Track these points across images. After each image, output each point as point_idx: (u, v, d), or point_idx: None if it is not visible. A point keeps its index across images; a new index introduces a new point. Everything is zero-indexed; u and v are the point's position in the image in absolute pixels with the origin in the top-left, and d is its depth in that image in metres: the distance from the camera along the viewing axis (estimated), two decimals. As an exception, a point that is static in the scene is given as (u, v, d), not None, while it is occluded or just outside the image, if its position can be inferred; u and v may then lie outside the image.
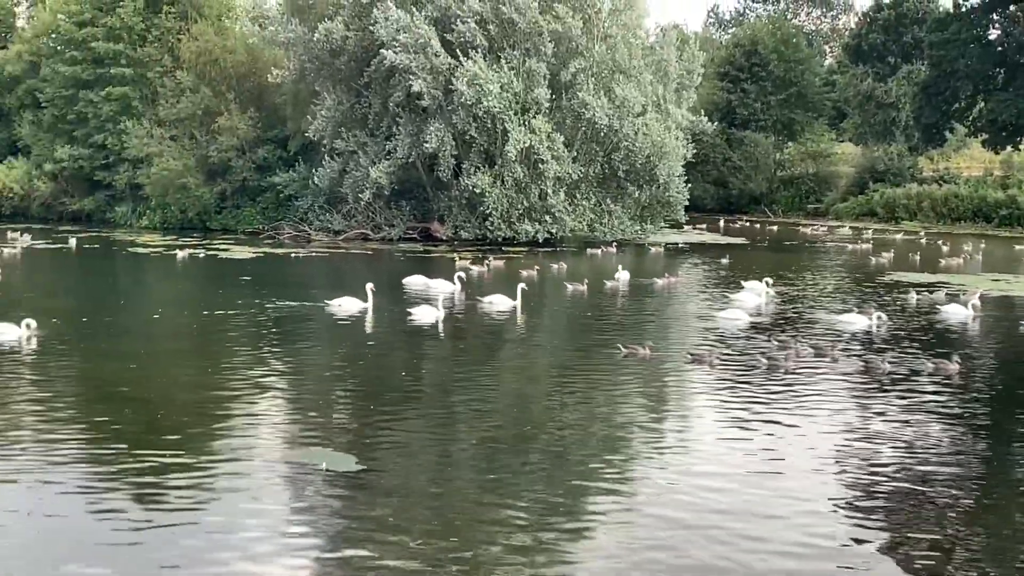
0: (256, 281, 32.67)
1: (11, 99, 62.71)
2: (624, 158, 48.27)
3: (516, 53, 46.36)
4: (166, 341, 21.89)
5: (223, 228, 54.65)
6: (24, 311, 21.48)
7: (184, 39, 56.05)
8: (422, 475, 12.18)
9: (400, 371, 18.70)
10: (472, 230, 47.43)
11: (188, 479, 11.62)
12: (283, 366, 18.87)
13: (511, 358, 20.78)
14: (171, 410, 15.32)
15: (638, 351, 19.23)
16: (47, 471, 11.74)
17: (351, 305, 25.55)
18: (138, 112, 56.58)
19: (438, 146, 45.47)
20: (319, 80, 49.96)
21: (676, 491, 11.37)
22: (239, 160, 53.88)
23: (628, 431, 14.17)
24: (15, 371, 17.86)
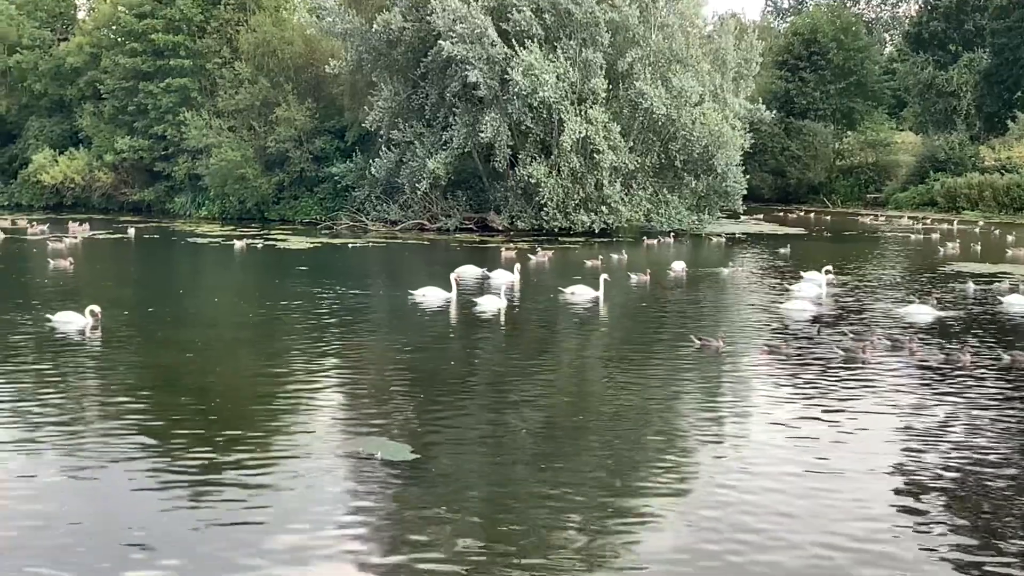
0: (313, 271, 32.87)
1: (72, 90, 63.39)
2: (681, 148, 47.97)
3: (572, 43, 46.17)
4: (224, 330, 22.06)
5: (281, 218, 55.10)
6: (87, 300, 21.72)
7: (242, 30, 56.52)
8: (476, 464, 12.17)
9: (459, 360, 18.71)
10: (528, 220, 47.37)
11: (244, 467, 11.68)
12: (341, 355, 18.96)
13: (579, 347, 20.77)
14: (228, 399, 15.44)
15: (711, 343, 19.02)
16: (107, 459, 11.84)
17: (435, 295, 25.51)
18: (197, 103, 57.09)
19: (494, 136, 45.45)
20: (376, 71, 50.10)
21: (733, 485, 11.20)
22: (297, 151, 54.26)
23: (691, 423, 14.03)
24: (78, 359, 18.11)
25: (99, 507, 10.45)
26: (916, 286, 29.38)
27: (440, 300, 25.24)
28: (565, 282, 26.65)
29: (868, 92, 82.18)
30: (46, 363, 17.39)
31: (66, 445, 12.43)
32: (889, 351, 18.89)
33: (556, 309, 25.13)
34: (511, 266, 30.45)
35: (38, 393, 15.03)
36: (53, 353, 18.26)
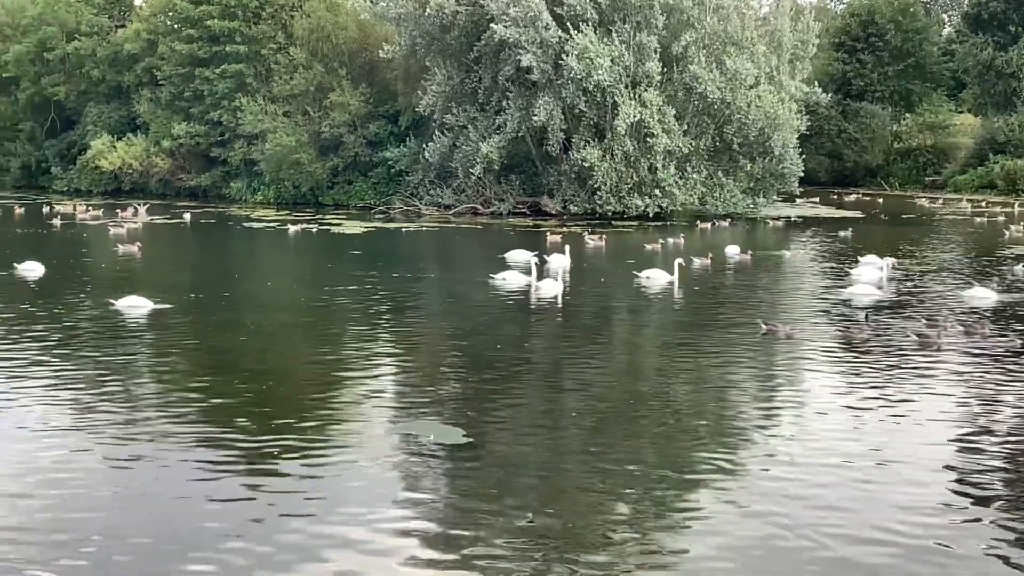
0: (367, 256, 33.03)
1: (130, 77, 63.91)
2: (737, 131, 47.61)
3: (627, 26, 45.96)
4: (278, 314, 22.22)
5: (335, 203, 55.33)
6: (147, 285, 21.98)
7: (297, 16, 56.78)
8: (529, 449, 12.16)
9: (514, 344, 18.69)
10: (581, 204, 47.23)
11: (297, 450, 11.77)
12: (394, 339, 19.08)
13: (639, 332, 20.78)
14: (282, 382, 15.57)
15: (779, 328, 18.82)
16: (163, 443, 11.98)
17: (516, 279, 25.49)
18: (252, 89, 57.40)
19: (547, 120, 45.36)
20: (430, 55, 50.13)
21: (790, 478, 11.04)
22: (351, 136, 54.48)
23: (752, 411, 13.93)
24: (140, 341, 18.34)
25: (154, 490, 10.55)
26: (982, 269, 28.96)
27: (521, 283, 25.20)
28: (621, 266, 26.57)
29: (926, 74, 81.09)
30: (107, 347, 17.61)
31: (122, 429, 12.57)
32: (962, 336, 18.51)
33: (618, 293, 25.07)
34: (557, 250, 30.42)
35: (98, 376, 15.25)
36: (115, 337, 18.50)
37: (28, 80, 66.82)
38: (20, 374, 15.19)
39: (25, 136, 68.93)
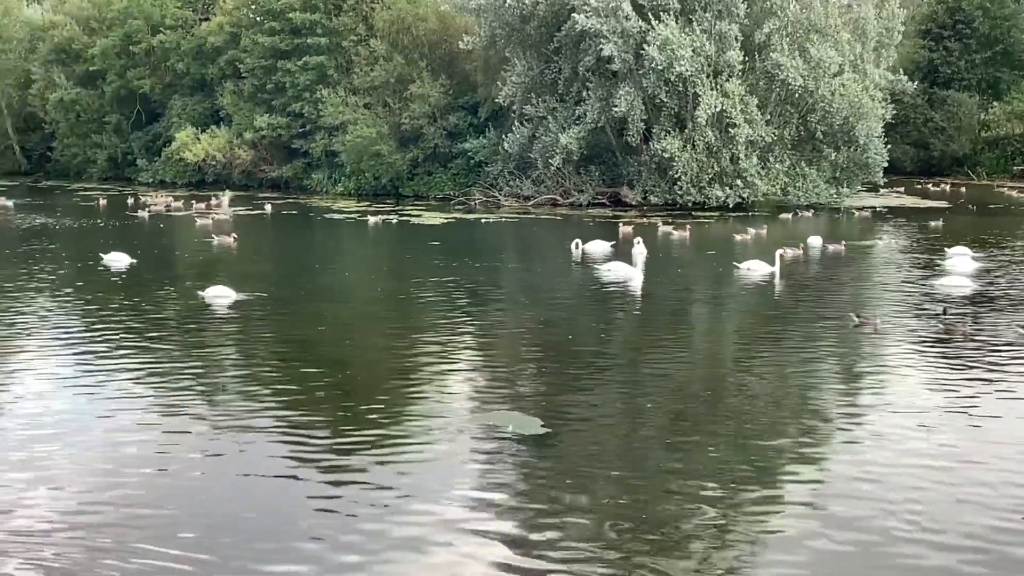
0: (446, 246, 33.17)
1: (213, 69, 64.64)
2: (820, 120, 47.02)
3: (708, 15, 45.52)
4: (358, 305, 22.37)
5: (415, 194, 55.53)
6: (232, 275, 22.23)
7: (378, 8, 56.96)
8: (607, 440, 12.11)
9: (595, 335, 18.63)
10: (661, 195, 46.95)
11: (377, 439, 11.85)
12: (473, 329, 19.10)
13: (725, 323, 20.57)
14: (362, 372, 15.68)
15: (870, 321, 18.48)
16: (242, 433, 12.13)
17: (622, 270, 25.21)
18: (333, 81, 57.74)
19: (628, 111, 45.10)
20: (509, 46, 50.09)
21: (872, 478, 10.74)
22: (431, 127, 54.64)
23: (838, 405, 13.69)
24: (224, 331, 18.60)
25: (233, 480, 10.70)
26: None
27: (626, 273, 24.98)
28: (704, 256, 26.33)
29: (1015, 61, 79.17)
30: (192, 337, 17.89)
31: (204, 418, 12.75)
32: None
33: (704, 283, 24.85)
34: (629, 241, 30.28)
35: (181, 366, 15.50)
36: (200, 327, 18.76)
37: (114, 73, 67.81)
38: (107, 364, 15.46)
39: (111, 129, 69.97)
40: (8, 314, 19.96)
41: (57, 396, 13.65)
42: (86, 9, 70.58)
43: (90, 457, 11.20)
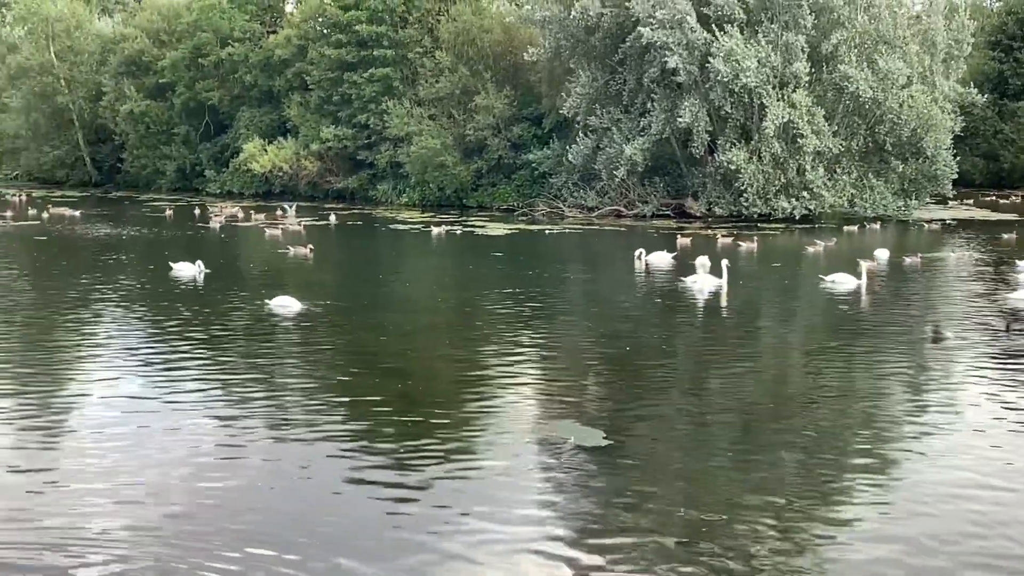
0: (509, 257, 33.27)
1: (280, 82, 65.34)
2: (889, 131, 46.66)
3: (774, 26, 45.34)
4: (421, 315, 22.39)
5: (479, 205, 55.77)
6: (297, 285, 22.46)
7: (443, 20, 57.37)
8: (670, 452, 12.04)
9: (660, 346, 18.55)
10: (726, 207, 46.75)
11: (438, 449, 11.86)
12: (536, 339, 19.05)
13: (794, 335, 20.34)
14: (424, 382, 15.69)
15: (945, 335, 18.23)
16: (304, 444, 12.20)
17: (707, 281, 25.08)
18: (399, 92, 58.17)
19: (692, 122, 45.00)
20: (574, 57, 50.20)
21: (940, 493, 10.57)
22: (495, 138, 54.89)
23: (906, 418, 13.49)
24: (289, 340, 18.79)
25: (301, 488, 10.76)
26: None
27: (712, 285, 24.85)
28: (771, 270, 26.15)
29: (1087, 72, 77.99)
30: (257, 346, 18.09)
31: (269, 427, 12.86)
32: None
33: (774, 295, 24.66)
34: (687, 252, 30.22)
35: (246, 375, 15.70)
36: (265, 336, 18.98)
37: (183, 85, 68.78)
38: (173, 373, 15.64)
39: (180, 140, 70.98)
40: (77, 324, 20.27)
41: (124, 406, 13.79)
42: (156, 22, 71.71)
43: (158, 468, 11.31)
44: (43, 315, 21.28)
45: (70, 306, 22.13)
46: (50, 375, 15.75)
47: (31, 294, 24.02)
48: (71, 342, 18.59)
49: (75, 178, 78.82)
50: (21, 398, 14.21)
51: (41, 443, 12.16)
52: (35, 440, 12.26)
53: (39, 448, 11.97)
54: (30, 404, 13.83)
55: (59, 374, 15.94)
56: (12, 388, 14.87)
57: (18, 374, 15.73)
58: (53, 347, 18.08)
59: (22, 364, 16.41)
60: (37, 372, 15.85)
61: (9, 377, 15.58)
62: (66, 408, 13.78)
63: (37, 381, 15.25)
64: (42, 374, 15.74)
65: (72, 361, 16.98)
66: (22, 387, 14.89)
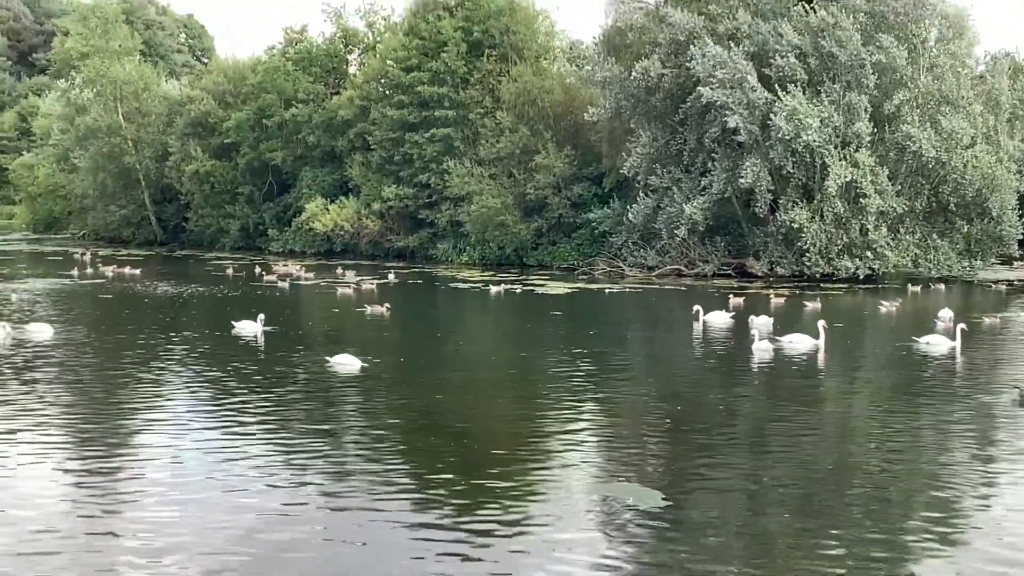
0: (568, 316, 33.18)
1: (343, 141, 66.15)
2: (952, 191, 46.29)
3: (836, 86, 45.28)
4: (479, 373, 22.32)
5: (539, 264, 55.89)
6: (359, 343, 22.51)
7: (504, 80, 57.88)
8: (729, 514, 11.83)
9: (720, 407, 18.26)
10: (788, 266, 46.43)
11: (496, 509, 11.77)
12: (594, 399, 18.92)
13: (859, 394, 20.00)
14: (483, 442, 15.54)
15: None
16: (368, 498, 12.17)
17: (803, 342, 24.99)
18: (459, 152, 58.65)
19: (754, 181, 44.91)
20: (634, 117, 50.39)
21: (1008, 559, 10.33)
22: (555, 197, 55.12)
23: (976, 483, 13.12)
24: (349, 399, 18.78)
25: (355, 550, 10.68)
26: None
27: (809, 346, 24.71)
28: (842, 330, 25.76)
29: None
30: (318, 403, 18.13)
31: (327, 483, 12.83)
32: None
33: (842, 356, 24.30)
34: (740, 312, 30.03)
35: (306, 431, 15.73)
36: (325, 394, 19.01)
37: (248, 146, 69.81)
38: (234, 429, 15.71)
39: (244, 199, 71.91)
40: (138, 382, 20.39)
41: (184, 463, 13.85)
42: (222, 84, 73.02)
43: (216, 523, 11.33)
44: (106, 372, 21.45)
45: (132, 363, 22.30)
46: (111, 432, 15.83)
47: (95, 351, 24.24)
48: (132, 399, 18.70)
49: (141, 237, 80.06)
50: (84, 452, 14.33)
51: (103, 498, 12.20)
52: (97, 495, 12.31)
53: (100, 503, 12.00)
54: (92, 460, 13.91)
55: (120, 430, 16.02)
56: (75, 443, 14.99)
57: (81, 431, 15.83)
58: (115, 404, 18.20)
59: (85, 421, 16.52)
60: (99, 429, 15.95)
61: (72, 433, 15.70)
62: (127, 465, 13.82)
63: (99, 438, 15.33)
64: (103, 431, 15.84)
65: (133, 418, 17.07)
66: (85, 443, 14.99)
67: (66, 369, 21.42)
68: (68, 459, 14.01)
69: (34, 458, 13.91)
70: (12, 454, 14.03)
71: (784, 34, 45.81)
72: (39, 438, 15.05)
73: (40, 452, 14.23)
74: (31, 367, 21.25)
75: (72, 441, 15.17)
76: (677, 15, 48.04)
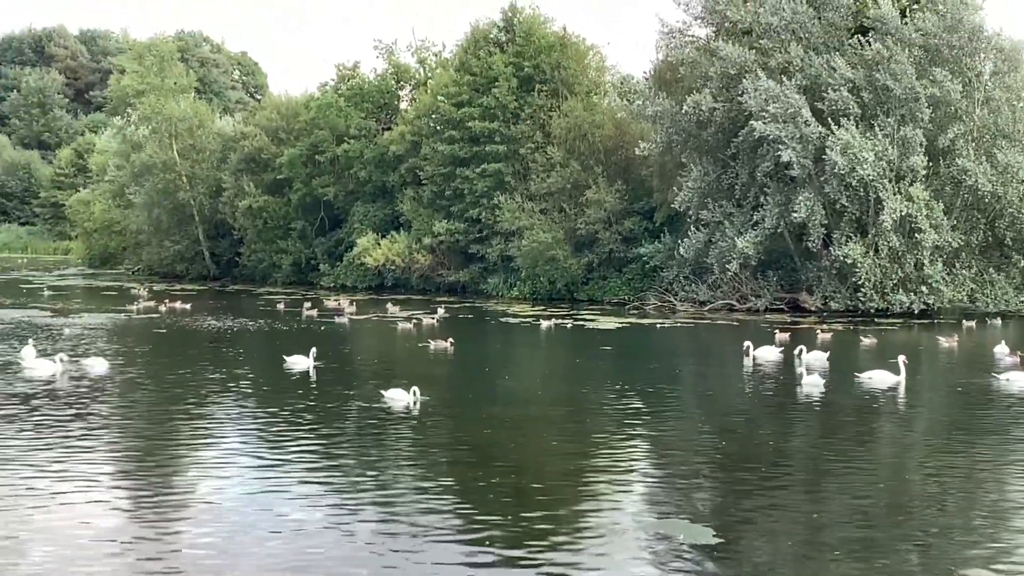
0: (617, 351, 33.05)
1: (394, 177, 66.49)
2: (1009, 225, 45.83)
3: (890, 120, 45.00)
4: (529, 408, 22.11)
5: (589, 298, 55.76)
6: (410, 378, 22.47)
7: (555, 116, 58.00)
8: (780, 552, 11.67)
9: (772, 443, 18.07)
10: (842, 301, 46.04)
11: (546, 545, 11.65)
12: (645, 435, 18.79)
13: (913, 433, 19.72)
14: (533, 477, 15.43)
15: None
16: (420, 535, 12.07)
17: (884, 378, 24.76)
18: (510, 187, 58.75)
19: (807, 216, 44.64)
20: (686, 152, 50.34)
21: None
22: (606, 232, 55.09)
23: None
24: (401, 433, 18.73)
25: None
26: None
27: (890, 383, 24.39)
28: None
29: None
30: (370, 437, 18.13)
31: (375, 521, 12.75)
32: None
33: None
34: (783, 347, 29.80)
35: (355, 465, 15.72)
36: (377, 428, 18.97)
37: (300, 181, 70.26)
38: (284, 464, 15.72)
39: (296, 235, 72.33)
40: (189, 416, 20.43)
41: (234, 494, 13.89)
42: (275, 120, 73.65)
43: (269, 558, 11.29)
44: (158, 405, 21.53)
45: (185, 397, 22.34)
46: (163, 466, 15.93)
47: (149, 385, 24.38)
48: (184, 432, 18.73)
49: (195, 272, 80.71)
50: (136, 484, 14.40)
51: (153, 528, 12.22)
52: (148, 525, 12.34)
53: (151, 533, 12.01)
54: (144, 494, 13.95)
55: (170, 466, 16.12)
56: (127, 474, 15.10)
57: (134, 465, 15.94)
58: (167, 436, 18.29)
59: (139, 455, 16.63)
60: (151, 460, 16.08)
61: (125, 467, 15.80)
62: (179, 504, 13.81)
63: (151, 472, 15.44)
64: (156, 462, 15.97)
65: (183, 453, 17.13)
66: (137, 474, 15.09)
67: (119, 402, 21.58)
68: (119, 490, 14.09)
69: (86, 487, 13.99)
70: (67, 487, 14.06)
71: (837, 67, 45.68)
72: (92, 469, 15.13)
73: (92, 482, 14.31)
74: (85, 400, 21.36)
75: (124, 472, 15.27)
76: (728, 49, 47.95)
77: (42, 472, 14.88)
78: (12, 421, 18.84)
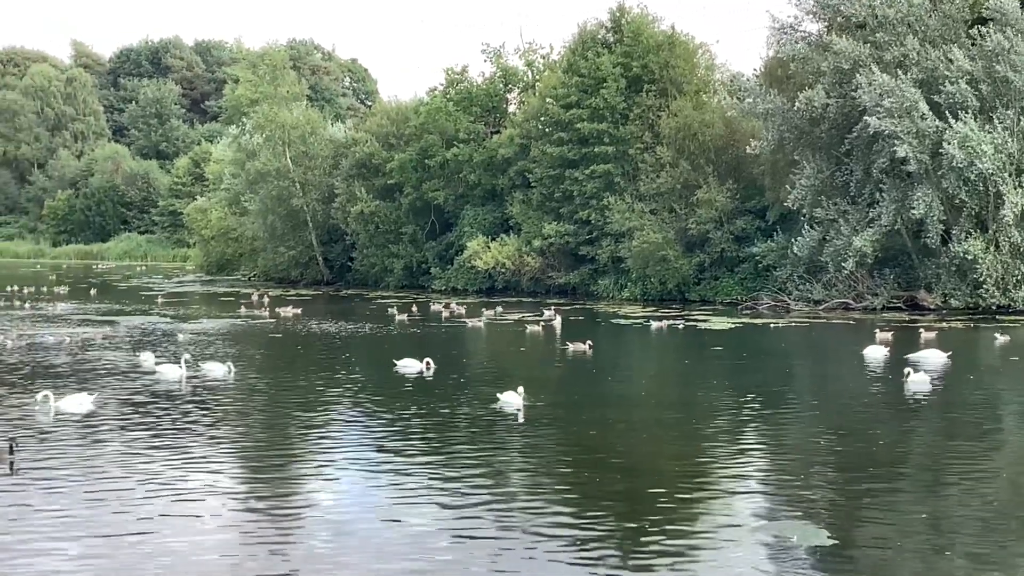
0: (729, 352, 32.76)
1: (503, 180, 66.66)
2: None
3: (1010, 112, 43.83)
4: (642, 410, 22.00)
5: (701, 299, 55.30)
6: (518, 381, 22.44)
7: (664, 115, 57.59)
8: (900, 555, 11.39)
9: (889, 444, 17.69)
10: (962, 298, 44.97)
11: (661, 548, 11.59)
12: (760, 437, 18.58)
13: None
14: (647, 479, 15.35)
15: None
16: (533, 538, 12.05)
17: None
18: (619, 188, 58.49)
19: (925, 212, 43.68)
20: (798, 149, 49.62)
21: None
22: (717, 231, 54.57)
23: None
24: (510, 435, 18.76)
25: None
26: None
27: None
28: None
29: None
30: (482, 440, 18.18)
31: (489, 522, 12.79)
32: None
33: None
34: (887, 347, 29.33)
35: (469, 468, 15.74)
36: (488, 431, 19.01)
37: (410, 186, 70.77)
38: (397, 467, 15.84)
39: (407, 239, 72.86)
40: (302, 420, 20.64)
41: (348, 496, 14.10)
42: (385, 126, 74.32)
43: (381, 560, 11.37)
44: (276, 408, 21.86)
45: (301, 399, 22.68)
46: (276, 470, 16.18)
47: (267, 388, 24.75)
48: (296, 437, 19.02)
49: (308, 277, 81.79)
50: (251, 487, 14.70)
51: (269, 529, 12.41)
52: (264, 525, 12.54)
53: (266, 537, 12.18)
54: (259, 496, 14.21)
55: (282, 470, 16.36)
56: (243, 480, 15.41)
57: (248, 468, 16.27)
58: (279, 441, 18.60)
59: (253, 459, 16.96)
60: (265, 467, 16.36)
61: (240, 471, 16.11)
62: (294, 510, 13.98)
63: (264, 476, 15.73)
64: (268, 468, 16.23)
65: (297, 457, 17.37)
66: (252, 482, 15.41)
67: (237, 406, 21.97)
68: (236, 492, 14.37)
69: (204, 489, 14.28)
70: (186, 487, 14.37)
71: (955, 60, 44.63)
72: (211, 471, 15.42)
73: (210, 485, 14.56)
74: (204, 404, 21.80)
75: (238, 477, 15.55)
76: (842, 43, 47.12)
77: (170, 466, 15.43)
78: (145, 419, 19.45)
